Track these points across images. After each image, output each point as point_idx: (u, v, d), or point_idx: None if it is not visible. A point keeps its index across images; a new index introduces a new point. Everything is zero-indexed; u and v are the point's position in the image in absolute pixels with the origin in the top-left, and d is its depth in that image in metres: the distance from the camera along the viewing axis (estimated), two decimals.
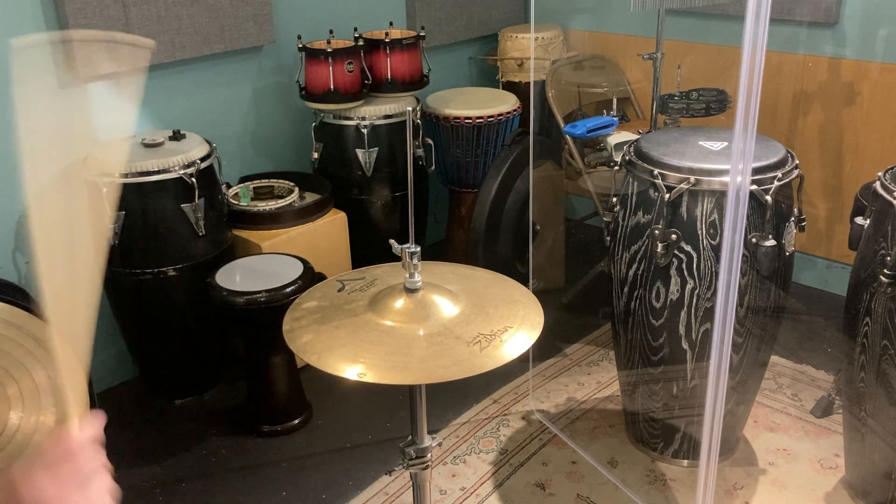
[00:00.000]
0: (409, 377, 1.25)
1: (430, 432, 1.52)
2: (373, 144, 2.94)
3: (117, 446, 2.40)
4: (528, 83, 3.45)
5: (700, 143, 2.11)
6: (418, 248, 1.38)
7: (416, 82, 3.03)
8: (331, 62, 2.82)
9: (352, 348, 1.29)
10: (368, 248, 2.99)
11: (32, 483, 0.76)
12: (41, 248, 0.86)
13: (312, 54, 2.84)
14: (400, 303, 1.39)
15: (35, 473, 0.77)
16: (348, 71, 2.86)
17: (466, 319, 1.36)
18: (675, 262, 2.02)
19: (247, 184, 2.87)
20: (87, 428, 0.84)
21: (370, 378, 1.24)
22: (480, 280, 1.53)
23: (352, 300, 1.43)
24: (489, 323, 1.35)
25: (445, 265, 1.58)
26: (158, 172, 2.38)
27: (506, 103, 3.23)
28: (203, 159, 2.48)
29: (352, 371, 1.24)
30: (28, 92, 0.90)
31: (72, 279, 0.88)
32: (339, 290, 1.47)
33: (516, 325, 1.35)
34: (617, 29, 3.64)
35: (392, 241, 1.41)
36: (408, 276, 1.39)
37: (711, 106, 2.79)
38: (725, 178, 1.93)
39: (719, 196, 1.96)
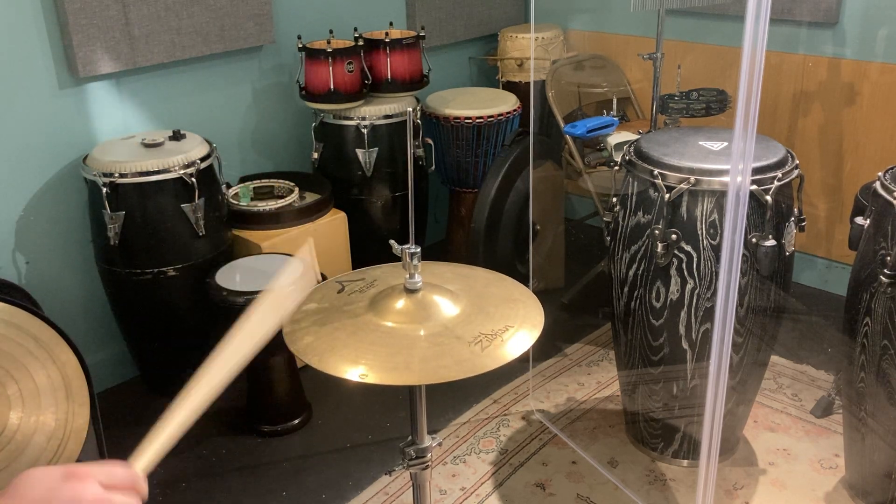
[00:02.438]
0: (411, 378, 1.25)
1: (430, 432, 1.52)
2: (373, 144, 2.94)
3: (117, 446, 2.40)
4: (528, 83, 3.45)
5: (700, 143, 2.11)
6: (418, 249, 1.38)
7: (416, 82, 3.03)
8: (331, 62, 2.82)
9: (353, 349, 1.29)
10: (368, 248, 2.99)
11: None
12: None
13: (312, 54, 2.84)
14: (400, 303, 1.39)
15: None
16: (348, 71, 2.86)
17: (467, 319, 1.36)
18: (675, 262, 2.03)
19: (247, 184, 2.87)
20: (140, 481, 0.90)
21: (372, 379, 1.23)
22: (480, 279, 1.53)
23: (351, 301, 1.43)
24: (490, 322, 1.35)
25: (445, 265, 1.58)
26: (158, 172, 2.38)
27: (506, 103, 3.23)
28: (203, 159, 2.48)
29: (353, 372, 1.24)
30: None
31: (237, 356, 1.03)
32: (339, 292, 1.47)
33: (517, 325, 1.35)
34: (617, 29, 3.64)
35: (392, 242, 1.41)
36: (408, 276, 1.39)
37: (711, 106, 2.79)
38: (725, 178, 1.93)
39: (719, 196, 1.96)
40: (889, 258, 1.82)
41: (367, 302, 1.41)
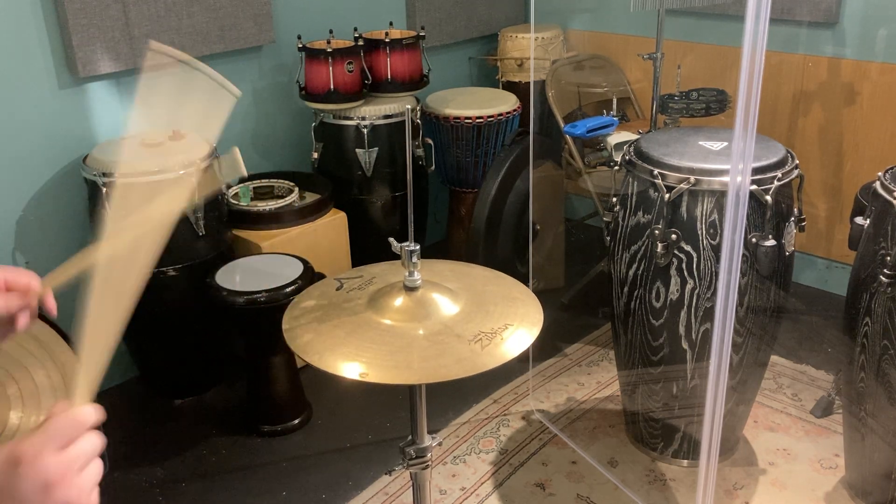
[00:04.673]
0: (412, 377, 1.25)
1: (430, 432, 1.52)
2: (373, 144, 2.94)
3: (117, 446, 2.40)
4: (528, 83, 3.45)
5: (700, 143, 2.11)
6: (417, 247, 1.38)
7: (415, 82, 3.03)
8: (331, 62, 2.82)
9: (352, 348, 1.29)
10: (368, 247, 2.99)
11: (37, 458, 0.72)
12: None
13: (312, 54, 2.84)
14: (399, 301, 1.39)
15: (40, 446, 0.73)
16: (348, 71, 2.86)
17: (467, 318, 1.36)
18: (675, 262, 2.02)
19: (247, 184, 2.87)
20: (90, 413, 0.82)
21: (372, 378, 1.23)
22: (479, 277, 1.53)
23: (350, 299, 1.43)
24: (489, 321, 1.35)
25: (444, 262, 1.58)
26: (158, 172, 2.38)
27: (506, 103, 3.23)
28: (203, 159, 2.48)
29: (353, 371, 1.24)
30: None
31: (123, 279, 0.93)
32: (338, 289, 1.47)
33: (516, 323, 1.35)
34: (617, 29, 3.64)
35: (391, 240, 1.41)
36: (407, 274, 1.39)
37: (711, 106, 2.79)
38: (725, 178, 1.93)
39: (719, 196, 1.96)
40: (889, 258, 1.82)
41: (366, 300, 1.41)
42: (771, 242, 1.94)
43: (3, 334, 0.94)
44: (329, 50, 2.81)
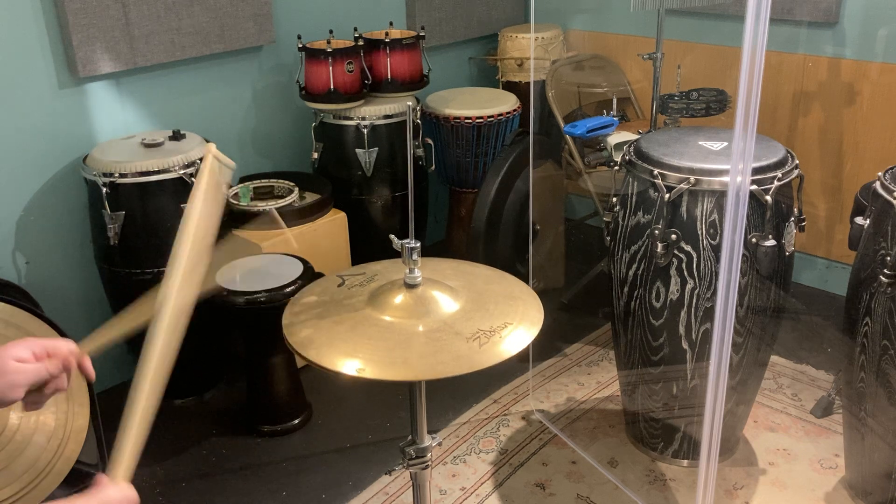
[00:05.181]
0: (409, 373, 1.25)
1: (430, 432, 1.52)
2: (373, 144, 2.94)
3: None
4: (528, 83, 3.45)
5: (700, 143, 2.11)
6: (418, 244, 1.38)
7: (415, 82, 3.03)
8: (331, 62, 2.82)
9: (351, 344, 1.30)
10: (368, 247, 2.99)
11: None
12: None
13: (312, 54, 2.84)
14: (399, 298, 1.39)
15: None
16: (348, 71, 2.86)
17: (466, 315, 1.36)
18: (675, 262, 2.02)
19: (247, 184, 2.87)
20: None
21: (369, 374, 1.24)
22: (481, 276, 1.53)
23: (351, 295, 1.43)
24: (489, 319, 1.35)
25: (445, 261, 1.58)
26: (158, 172, 2.38)
27: (506, 103, 3.23)
28: (203, 159, 2.47)
29: (350, 366, 1.25)
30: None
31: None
32: (339, 286, 1.48)
33: (516, 322, 1.35)
34: (617, 29, 3.64)
35: (392, 237, 1.41)
36: (408, 271, 1.40)
37: (711, 106, 2.79)
38: (725, 178, 1.93)
39: (719, 196, 1.96)
40: (889, 258, 1.82)
41: (367, 296, 1.42)
42: (771, 242, 1.94)
43: (35, 399, 1.07)
44: (329, 50, 2.81)
